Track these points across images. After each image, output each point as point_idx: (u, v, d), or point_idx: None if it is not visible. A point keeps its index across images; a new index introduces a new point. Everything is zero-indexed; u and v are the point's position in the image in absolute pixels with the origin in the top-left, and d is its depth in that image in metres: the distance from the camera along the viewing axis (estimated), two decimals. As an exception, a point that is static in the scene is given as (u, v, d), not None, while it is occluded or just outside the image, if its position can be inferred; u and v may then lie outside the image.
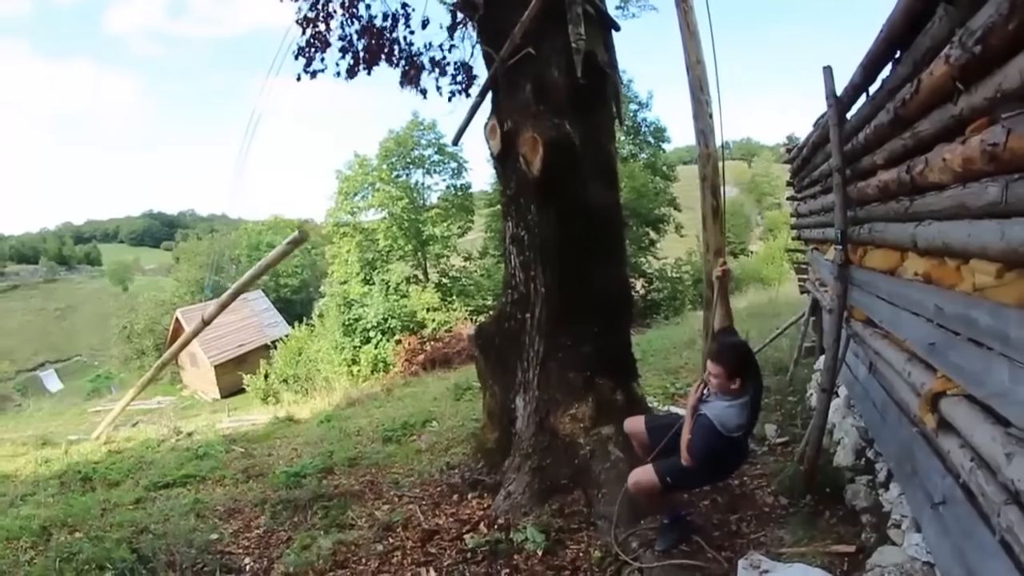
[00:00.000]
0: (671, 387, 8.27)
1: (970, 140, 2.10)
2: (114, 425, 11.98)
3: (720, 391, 3.58)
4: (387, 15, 5.87)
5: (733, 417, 3.51)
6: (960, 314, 2.34)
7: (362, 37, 5.86)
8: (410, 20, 5.91)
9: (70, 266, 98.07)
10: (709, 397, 3.72)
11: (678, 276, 29.27)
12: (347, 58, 5.91)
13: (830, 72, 3.99)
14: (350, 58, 5.91)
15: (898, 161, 3.06)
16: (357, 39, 5.87)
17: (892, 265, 3.37)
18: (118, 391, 37.47)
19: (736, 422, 3.51)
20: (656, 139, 31.62)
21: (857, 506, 3.92)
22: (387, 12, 5.88)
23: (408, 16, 5.90)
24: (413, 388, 14.80)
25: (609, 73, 5.00)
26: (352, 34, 5.86)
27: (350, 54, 5.89)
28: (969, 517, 2.34)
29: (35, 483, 7.39)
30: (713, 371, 3.59)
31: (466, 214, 32.14)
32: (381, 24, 5.87)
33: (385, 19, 5.87)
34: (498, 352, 5.27)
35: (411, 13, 5.91)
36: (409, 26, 5.92)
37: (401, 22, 5.90)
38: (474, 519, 4.81)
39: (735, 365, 3.55)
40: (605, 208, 5.02)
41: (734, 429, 3.51)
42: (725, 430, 3.48)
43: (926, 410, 2.59)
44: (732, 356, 3.63)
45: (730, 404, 3.54)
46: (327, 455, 7.24)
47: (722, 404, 3.56)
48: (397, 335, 24.07)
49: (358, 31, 5.86)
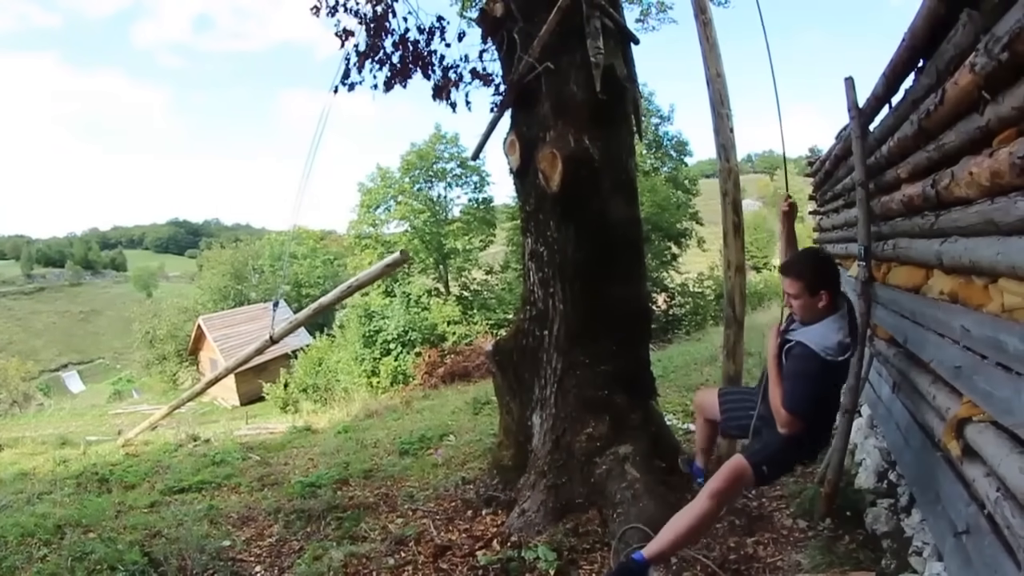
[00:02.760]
0: (691, 404, 8.16)
1: (998, 152, 2.03)
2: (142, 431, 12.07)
3: (805, 315, 3.13)
4: (421, 28, 5.89)
5: (833, 334, 2.98)
6: (988, 336, 2.24)
7: (398, 49, 5.87)
8: (445, 33, 5.91)
9: (95, 271, 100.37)
10: (793, 327, 3.24)
11: (700, 291, 29.01)
12: (384, 71, 5.92)
13: (852, 83, 3.92)
14: (387, 71, 5.92)
15: (923, 175, 2.98)
16: (394, 51, 5.88)
17: (917, 283, 3.27)
18: (140, 395, 37.97)
19: (837, 339, 2.97)
20: (678, 153, 31.58)
21: (878, 531, 3.81)
22: (421, 25, 5.89)
23: (444, 29, 5.90)
24: (432, 401, 14.81)
25: (629, 87, 4.96)
26: (388, 47, 5.88)
27: (387, 66, 5.91)
28: (993, 549, 2.23)
29: (52, 482, 7.49)
30: (791, 291, 3.12)
31: (488, 227, 32.35)
32: (416, 37, 5.89)
33: (420, 32, 5.88)
34: (515, 369, 5.21)
35: (446, 26, 5.91)
36: (444, 39, 5.92)
37: (437, 34, 5.90)
38: (487, 536, 4.74)
39: (815, 275, 3.09)
40: (625, 224, 4.97)
41: (838, 350, 2.96)
42: (828, 353, 2.94)
43: (951, 436, 2.49)
44: (810, 264, 3.19)
45: (826, 322, 3.05)
46: (343, 466, 7.23)
47: (816, 327, 3.07)
48: (417, 348, 24.17)
49: (394, 43, 5.87)
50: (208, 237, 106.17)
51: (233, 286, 45.93)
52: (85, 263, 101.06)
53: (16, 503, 6.42)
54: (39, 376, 52.39)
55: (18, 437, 14.90)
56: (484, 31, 5.20)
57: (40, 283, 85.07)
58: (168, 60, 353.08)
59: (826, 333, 3.01)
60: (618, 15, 4.88)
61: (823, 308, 3.07)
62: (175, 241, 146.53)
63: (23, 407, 36.37)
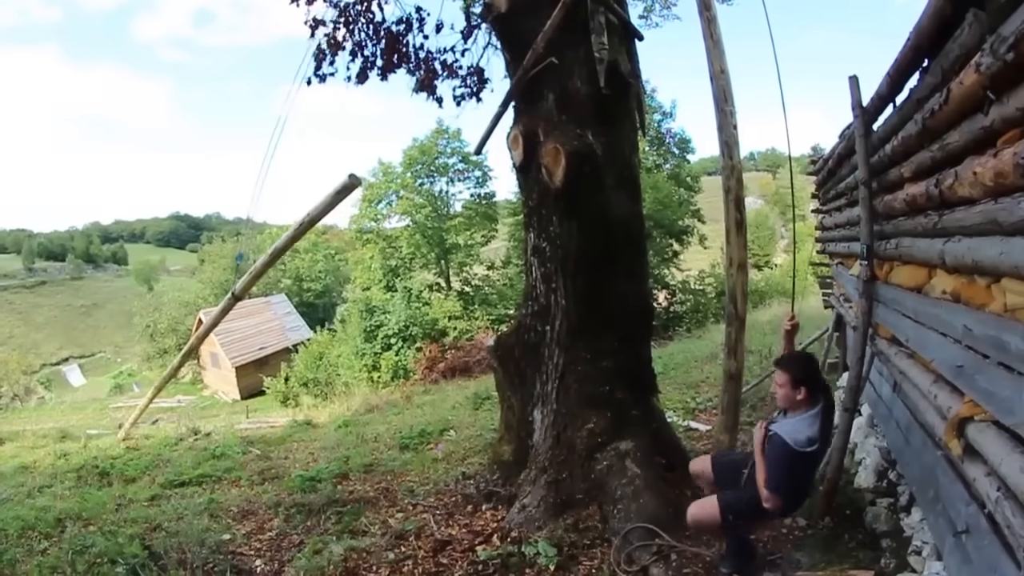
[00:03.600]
0: (691, 401, 8.18)
1: (1002, 153, 2.02)
2: (137, 422, 12.07)
3: (787, 405, 3.53)
4: (401, 19, 5.84)
5: (804, 429, 3.38)
6: (990, 336, 2.24)
7: (376, 42, 5.84)
8: (424, 25, 5.87)
9: (97, 264, 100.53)
10: (776, 418, 3.67)
11: (701, 288, 28.95)
12: (357, 62, 5.88)
13: (856, 82, 3.91)
14: (360, 62, 5.88)
15: (926, 174, 2.98)
16: (370, 43, 5.84)
17: (919, 282, 3.27)
18: (140, 388, 38.06)
19: (807, 434, 3.36)
20: (680, 150, 31.46)
21: (877, 530, 3.82)
22: (401, 16, 5.85)
23: (423, 20, 5.87)
24: (432, 396, 14.83)
25: (632, 83, 4.95)
26: (365, 39, 5.84)
27: (360, 58, 5.86)
28: (992, 548, 2.24)
29: (53, 475, 7.52)
30: (779, 380, 3.55)
31: (489, 223, 32.30)
32: (396, 29, 5.84)
33: (399, 23, 5.84)
34: (517, 364, 5.22)
35: (425, 17, 5.88)
36: (423, 31, 5.88)
37: (415, 26, 5.87)
38: (487, 531, 4.75)
39: (800, 373, 3.48)
40: (627, 220, 4.96)
41: (805, 443, 3.35)
42: (797, 445, 3.33)
43: (952, 435, 2.49)
44: (797, 363, 3.58)
45: (800, 418, 3.44)
46: (343, 460, 7.25)
47: (791, 420, 3.48)
48: (418, 342, 24.17)
49: (370, 35, 5.83)
50: (209, 231, 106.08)
51: (234, 280, 45.88)
52: (86, 257, 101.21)
53: (17, 496, 6.44)
54: (40, 370, 52.55)
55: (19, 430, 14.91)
56: (478, 20, 5.18)
57: (41, 277, 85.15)
58: (169, 54, 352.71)
59: (799, 428, 3.39)
60: (622, 11, 4.87)
61: (801, 401, 3.46)
62: (176, 235, 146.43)
63: (24, 400, 36.49)
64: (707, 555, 3.92)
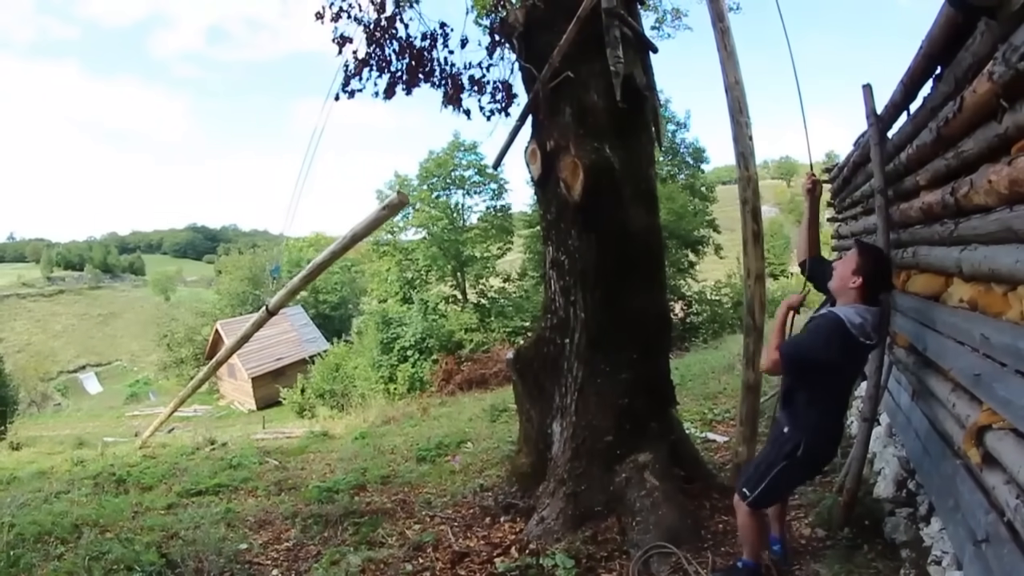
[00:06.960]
0: (709, 413, 8.14)
1: (1016, 160, 2.03)
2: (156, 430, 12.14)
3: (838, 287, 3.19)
4: (425, 35, 5.90)
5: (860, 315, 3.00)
6: (1007, 344, 2.24)
7: (401, 57, 5.90)
8: (448, 39, 5.92)
9: (114, 274, 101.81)
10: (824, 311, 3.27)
11: (717, 299, 28.81)
12: (384, 78, 5.94)
13: (870, 90, 3.91)
14: (387, 78, 5.93)
15: (941, 182, 2.98)
16: (397, 59, 5.90)
17: (936, 290, 3.25)
18: (156, 397, 38.39)
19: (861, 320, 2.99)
20: (695, 160, 31.43)
21: (897, 540, 3.78)
22: (425, 32, 5.90)
23: (447, 35, 5.92)
24: (449, 408, 14.83)
25: (648, 96, 4.97)
26: (391, 54, 5.89)
27: (387, 74, 5.92)
28: (1013, 557, 2.22)
29: (70, 481, 7.61)
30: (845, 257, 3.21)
31: (505, 235, 32.37)
32: (420, 44, 5.89)
33: (424, 39, 5.90)
34: (536, 377, 5.22)
35: (450, 32, 5.93)
36: (448, 46, 5.93)
37: (440, 41, 5.92)
38: (505, 543, 4.74)
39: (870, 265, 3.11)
40: (645, 233, 4.96)
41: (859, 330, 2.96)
42: (852, 326, 2.95)
43: (971, 443, 2.48)
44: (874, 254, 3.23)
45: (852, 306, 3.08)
46: (360, 472, 7.27)
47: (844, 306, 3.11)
48: (434, 354, 24.20)
49: (396, 51, 5.89)
50: (226, 242, 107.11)
51: (251, 291, 46.29)
52: (104, 267, 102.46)
53: (34, 501, 6.51)
54: (57, 377, 53.22)
55: (36, 436, 15.09)
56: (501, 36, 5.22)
57: (60, 286, 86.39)
58: (184, 69, 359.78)
59: (854, 312, 3.05)
60: (636, 24, 4.90)
61: (852, 289, 3.11)
62: (193, 246, 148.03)
63: (41, 407, 36.92)
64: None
